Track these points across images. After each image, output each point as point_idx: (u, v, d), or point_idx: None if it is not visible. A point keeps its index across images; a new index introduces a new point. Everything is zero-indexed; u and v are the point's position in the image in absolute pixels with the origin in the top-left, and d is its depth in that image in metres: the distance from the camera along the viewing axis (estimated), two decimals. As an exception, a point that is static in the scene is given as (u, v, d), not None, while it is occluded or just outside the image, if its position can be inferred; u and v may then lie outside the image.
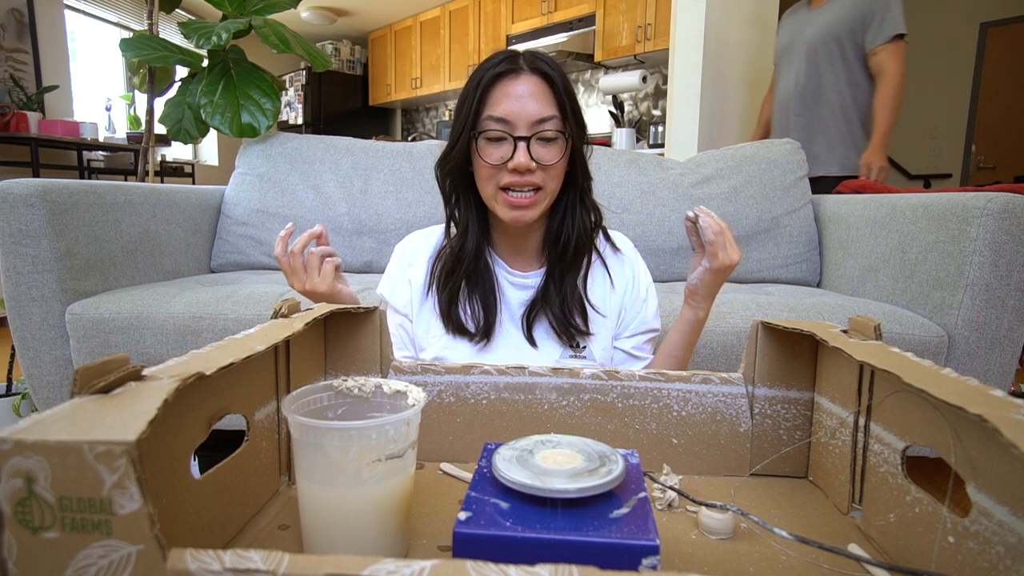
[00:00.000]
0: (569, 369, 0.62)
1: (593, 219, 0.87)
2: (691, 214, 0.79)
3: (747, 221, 1.63)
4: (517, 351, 0.85)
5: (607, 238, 0.92)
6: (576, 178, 0.85)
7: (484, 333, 0.84)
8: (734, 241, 0.78)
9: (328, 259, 0.83)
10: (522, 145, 0.77)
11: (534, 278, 0.88)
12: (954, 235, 1.14)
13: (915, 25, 4.78)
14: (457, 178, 0.85)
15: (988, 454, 0.35)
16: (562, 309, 0.84)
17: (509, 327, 0.87)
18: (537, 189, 0.80)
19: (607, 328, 0.88)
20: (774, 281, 1.64)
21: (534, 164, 0.77)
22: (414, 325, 0.88)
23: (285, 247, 0.82)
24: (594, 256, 0.89)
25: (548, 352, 0.85)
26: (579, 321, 0.85)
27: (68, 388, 1.26)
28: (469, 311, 0.85)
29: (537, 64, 0.80)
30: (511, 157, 0.77)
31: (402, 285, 0.90)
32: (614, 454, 0.46)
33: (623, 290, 0.90)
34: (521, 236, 0.88)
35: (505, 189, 0.80)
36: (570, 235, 0.85)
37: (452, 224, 0.88)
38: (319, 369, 0.63)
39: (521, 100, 0.77)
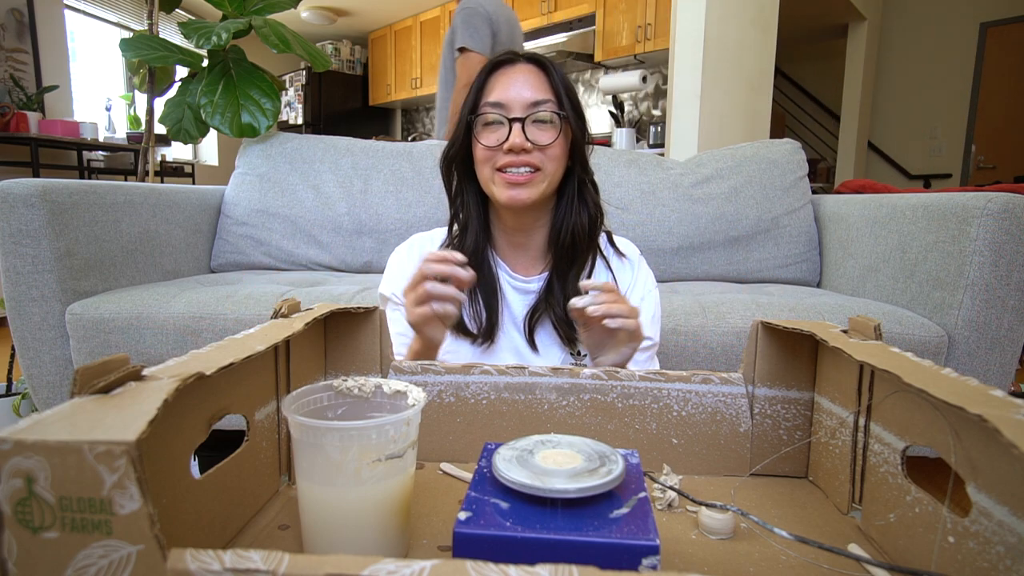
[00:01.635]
0: (569, 369, 0.62)
1: (593, 214, 0.86)
2: (579, 303, 0.69)
3: (747, 221, 1.63)
4: (518, 356, 0.84)
5: (612, 243, 0.92)
6: (575, 171, 0.85)
7: (487, 334, 0.84)
8: (622, 300, 0.70)
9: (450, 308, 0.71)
10: (516, 126, 0.79)
11: (536, 282, 0.88)
12: (954, 235, 1.14)
13: (915, 25, 4.80)
14: (460, 170, 0.86)
15: (988, 454, 0.35)
16: (565, 311, 0.83)
17: (511, 331, 0.86)
18: (535, 170, 0.80)
19: None
20: (774, 281, 1.64)
21: (529, 144, 0.79)
22: None
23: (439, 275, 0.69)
24: (599, 261, 0.88)
25: (550, 358, 0.85)
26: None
27: (68, 388, 1.25)
28: (471, 311, 0.85)
29: (535, 56, 0.83)
30: (507, 139, 0.79)
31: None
32: (614, 454, 0.46)
33: (623, 295, 0.89)
34: (524, 234, 0.87)
35: (502, 171, 0.80)
36: (569, 230, 0.85)
37: (456, 223, 0.89)
38: (319, 369, 0.63)
39: (516, 85, 0.80)
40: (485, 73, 0.83)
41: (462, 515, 0.40)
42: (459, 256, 0.69)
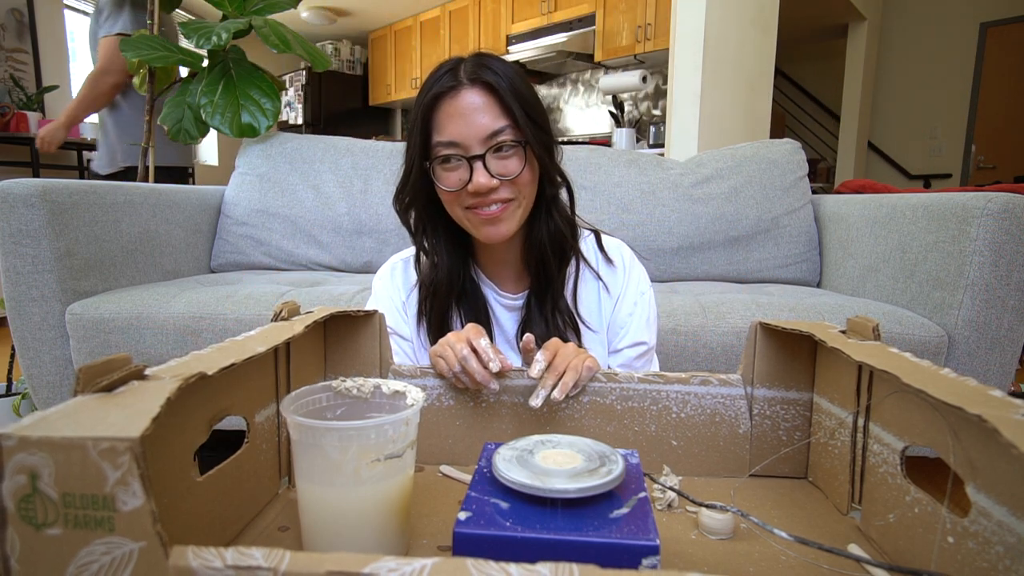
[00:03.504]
0: (569, 369, 0.61)
1: (562, 226, 0.82)
2: (537, 403, 0.60)
3: (747, 221, 1.63)
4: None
5: (600, 247, 0.88)
6: (544, 186, 0.80)
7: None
8: (566, 351, 0.63)
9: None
10: (478, 165, 0.73)
11: (522, 298, 0.85)
12: (954, 235, 1.14)
13: (915, 25, 4.80)
14: (420, 208, 0.81)
15: (987, 454, 0.35)
16: (548, 329, 0.81)
17: (504, 348, 0.84)
18: (508, 201, 0.76)
19: (601, 344, 0.86)
20: (774, 281, 1.64)
21: (495, 182, 0.73)
22: (416, 352, 0.86)
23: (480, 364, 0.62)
24: (583, 268, 0.85)
25: None
26: (572, 337, 0.82)
27: (68, 388, 1.26)
28: None
29: (479, 74, 0.73)
30: (470, 179, 0.73)
31: (400, 313, 0.86)
32: (614, 454, 0.46)
33: (615, 300, 0.86)
34: (502, 251, 0.84)
35: (472, 208, 0.76)
36: (545, 243, 0.81)
37: (423, 254, 0.84)
38: (319, 372, 0.63)
39: (466, 118, 0.72)
40: (428, 106, 0.74)
41: (462, 515, 0.40)
42: (496, 368, 0.60)
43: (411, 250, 0.90)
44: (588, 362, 0.62)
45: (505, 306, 0.86)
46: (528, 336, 0.66)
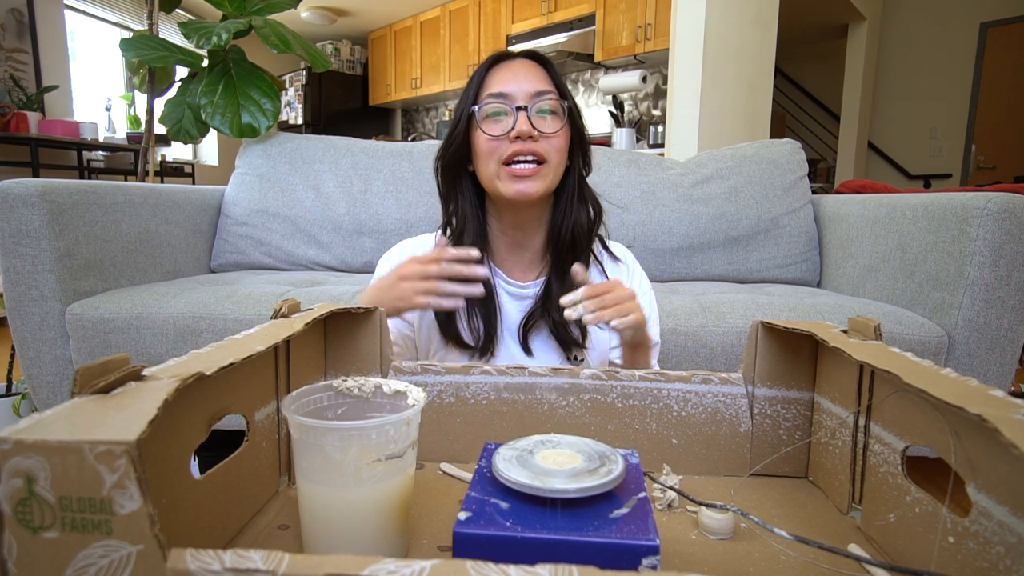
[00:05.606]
0: (569, 369, 0.62)
1: (592, 212, 0.87)
2: (573, 315, 0.72)
3: (747, 221, 1.63)
4: (513, 362, 0.83)
5: (605, 248, 0.92)
6: (576, 164, 0.85)
7: (484, 348, 0.82)
8: (621, 293, 0.73)
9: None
10: (522, 114, 0.79)
11: (533, 288, 0.87)
12: (954, 235, 1.14)
13: (915, 25, 4.80)
14: (456, 169, 0.85)
15: (988, 454, 0.35)
16: (562, 315, 0.83)
17: (506, 337, 0.85)
18: (540, 162, 0.80)
19: (603, 340, 0.87)
20: (774, 281, 1.64)
21: (536, 132, 0.79)
22: (417, 335, 0.86)
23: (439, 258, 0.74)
24: (592, 264, 0.88)
25: (545, 363, 0.83)
26: (576, 331, 0.83)
27: (68, 388, 1.25)
28: (468, 322, 0.84)
29: (532, 53, 0.85)
30: (512, 128, 0.79)
31: None
32: (614, 454, 0.46)
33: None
34: (524, 233, 0.86)
35: (508, 164, 0.80)
36: (569, 228, 0.84)
37: (450, 227, 0.87)
38: (319, 370, 0.63)
39: (517, 77, 0.81)
40: (484, 68, 0.83)
41: (462, 515, 0.40)
42: (475, 253, 0.68)
43: (420, 236, 0.94)
44: (636, 315, 0.66)
45: (512, 295, 0.87)
46: (579, 265, 0.71)
